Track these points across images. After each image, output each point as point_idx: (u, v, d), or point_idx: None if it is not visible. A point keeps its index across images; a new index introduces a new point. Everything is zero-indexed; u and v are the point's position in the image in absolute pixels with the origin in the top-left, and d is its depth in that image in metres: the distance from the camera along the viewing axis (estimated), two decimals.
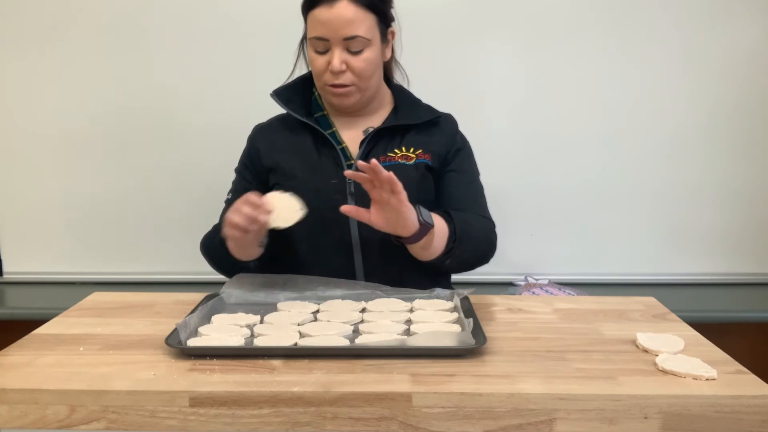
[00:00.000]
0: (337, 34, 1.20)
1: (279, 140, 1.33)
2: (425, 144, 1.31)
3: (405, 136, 1.31)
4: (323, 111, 1.35)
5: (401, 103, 1.35)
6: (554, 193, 1.96)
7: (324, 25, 1.20)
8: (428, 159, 1.30)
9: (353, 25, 1.20)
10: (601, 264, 1.98)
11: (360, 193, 1.22)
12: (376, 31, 1.25)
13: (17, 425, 0.81)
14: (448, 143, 1.33)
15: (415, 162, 1.28)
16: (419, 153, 1.29)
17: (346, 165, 1.27)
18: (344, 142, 1.31)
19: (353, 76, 1.24)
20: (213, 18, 1.88)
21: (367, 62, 1.24)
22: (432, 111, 1.36)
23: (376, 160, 1.07)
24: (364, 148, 1.28)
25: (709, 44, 1.88)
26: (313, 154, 1.30)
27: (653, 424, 0.79)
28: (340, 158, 1.28)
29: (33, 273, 2.00)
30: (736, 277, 2.00)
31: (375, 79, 1.29)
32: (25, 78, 1.91)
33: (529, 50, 1.90)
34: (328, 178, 1.27)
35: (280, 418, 0.80)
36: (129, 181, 1.95)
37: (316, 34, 1.22)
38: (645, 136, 1.93)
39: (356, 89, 1.26)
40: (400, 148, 1.30)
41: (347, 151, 1.30)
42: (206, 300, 1.12)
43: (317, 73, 1.26)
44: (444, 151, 1.32)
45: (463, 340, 0.92)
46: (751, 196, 1.96)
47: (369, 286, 1.17)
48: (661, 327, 1.04)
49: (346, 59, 1.22)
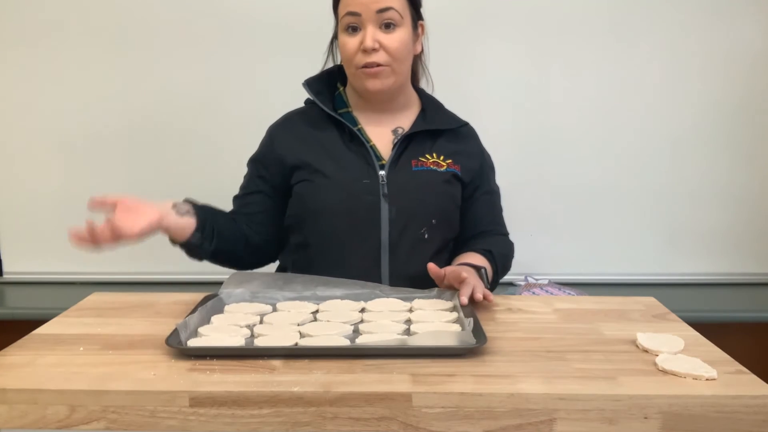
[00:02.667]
0: (369, 8, 1.19)
1: (304, 136, 1.30)
2: (454, 154, 1.30)
3: (435, 142, 1.30)
4: (348, 108, 1.32)
5: (428, 106, 1.34)
6: (554, 193, 1.96)
7: (357, 1, 1.20)
8: (458, 170, 1.30)
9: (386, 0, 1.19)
10: (601, 264, 1.98)
11: (393, 194, 1.25)
12: (408, 14, 1.24)
13: (17, 425, 0.81)
14: (477, 158, 1.34)
15: (446, 170, 1.28)
16: (449, 162, 1.29)
17: (378, 165, 1.26)
18: (372, 141, 1.29)
19: (386, 56, 1.22)
20: (216, 19, 1.88)
21: (401, 42, 1.22)
22: (457, 119, 1.35)
23: (483, 294, 1.10)
24: (396, 152, 1.27)
25: (709, 45, 1.88)
26: (342, 150, 1.28)
27: (653, 424, 0.79)
28: (370, 157, 1.26)
29: (33, 273, 2.00)
30: (736, 277, 2.00)
31: (407, 65, 1.27)
32: (26, 78, 1.91)
33: (529, 50, 1.90)
34: (359, 176, 1.25)
35: (280, 418, 0.80)
36: (129, 180, 1.95)
37: (348, 9, 1.21)
38: (645, 136, 1.93)
39: (390, 71, 1.23)
40: (431, 154, 1.29)
41: (376, 150, 1.28)
42: (205, 300, 1.11)
43: (349, 56, 1.23)
44: (475, 166, 1.33)
45: (464, 339, 0.91)
46: (751, 196, 1.96)
47: (368, 286, 1.17)
48: (661, 327, 1.04)
49: (379, 37, 1.20)
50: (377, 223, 1.24)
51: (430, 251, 1.27)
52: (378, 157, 1.28)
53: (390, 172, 1.26)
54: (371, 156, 1.27)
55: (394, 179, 1.25)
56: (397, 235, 1.24)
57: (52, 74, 1.91)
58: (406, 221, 1.25)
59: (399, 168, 1.27)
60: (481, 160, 1.36)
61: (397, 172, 1.26)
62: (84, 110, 1.92)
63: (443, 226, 1.29)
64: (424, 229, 1.26)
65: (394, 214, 1.24)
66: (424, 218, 1.26)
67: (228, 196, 1.37)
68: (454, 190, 1.30)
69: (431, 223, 1.26)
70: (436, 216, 1.27)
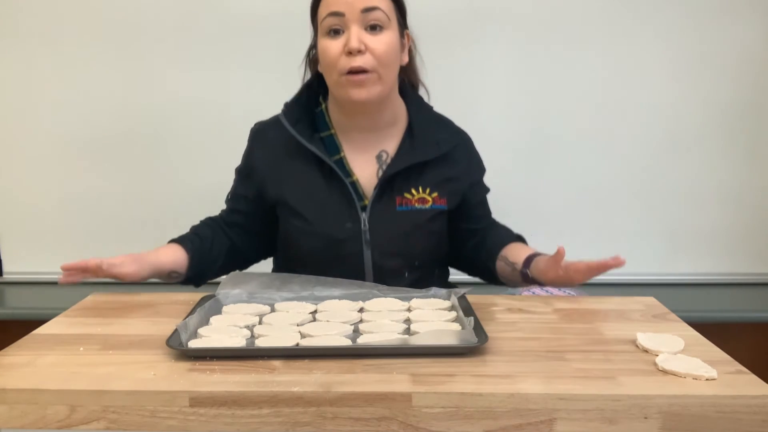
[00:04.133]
0: (354, 7, 1.11)
1: (283, 166, 1.25)
2: (443, 182, 1.25)
3: (422, 172, 1.24)
4: (330, 130, 1.25)
5: (416, 120, 1.26)
6: (554, 193, 1.96)
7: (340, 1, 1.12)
8: (444, 204, 1.25)
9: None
10: None
11: (375, 239, 1.22)
12: (395, 18, 1.17)
13: (17, 425, 0.81)
14: (467, 178, 1.29)
15: (431, 206, 1.24)
16: (435, 197, 1.24)
17: (359, 205, 1.22)
18: (354, 174, 1.23)
19: (373, 60, 1.13)
20: (214, 19, 1.88)
21: (388, 45, 1.14)
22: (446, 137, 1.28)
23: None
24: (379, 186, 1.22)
25: (709, 45, 1.88)
26: (322, 190, 1.22)
27: (653, 424, 0.79)
28: (351, 196, 1.22)
29: (33, 273, 2.00)
30: (736, 277, 2.00)
31: (394, 73, 1.19)
32: (26, 78, 1.91)
33: (529, 50, 1.90)
34: (341, 220, 1.21)
35: (280, 418, 0.80)
36: (129, 181, 1.95)
37: (331, 10, 1.13)
38: (645, 136, 1.93)
39: (377, 77, 1.14)
40: (417, 188, 1.23)
41: (359, 186, 1.23)
42: (203, 301, 1.11)
43: (331, 61, 1.14)
44: (465, 188, 1.29)
45: (466, 338, 0.92)
46: (751, 196, 1.96)
47: (365, 286, 1.16)
48: (661, 327, 1.04)
49: (364, 39, 1.12)
50: (360, 265, 1.23)
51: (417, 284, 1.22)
52: (360, 196, 1.23)
53: (372, 215, 1.22)
54: (352, 195, 1.22)
55: (376, 223, 1.22)
56: (380, 274, 1.23)
57: (53, 75, 1.91)
58: (388, 263, 1.24)
59: (382, 208, 1.23)
60: (470, 177, 1.31)
61: (379, 214, 1.22)
62: (84, 110, 1.92)
63: (428, 262, 1.28)
64: (406, 271, 1.25)
65: (377, 257, 1.23)
66: (406, 260, 1.25)
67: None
68: (440, 226, 1.27)
69: (414, 265, 1.25)
70: (420, 258, 1.26)
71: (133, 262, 1.16)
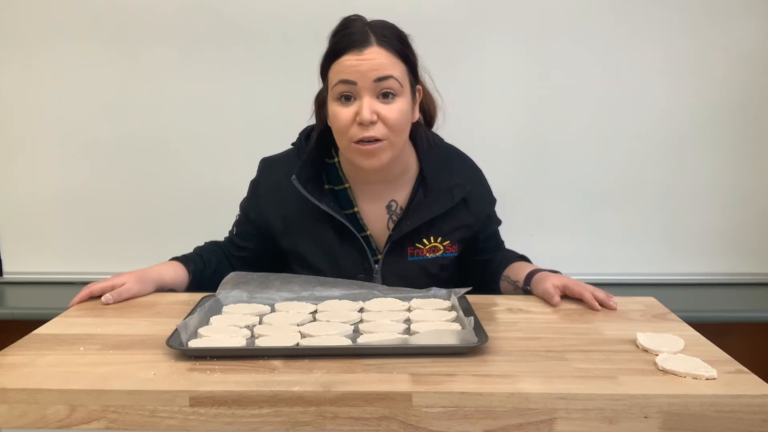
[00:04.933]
0: (367, 77, 1.08)
1: (296, 220, 1.24)
2: (453, 232, 1.25)
3: (433, 221, 1.24)
4: (344, 184, 1.25)
5: (428, 168, 1.24)
6: (554, 193, 1.96)
7: (352, 69, 1.08)
8: (455, 251, 1.26)
9: (386, 67, 1.09)
10: (601, 264, 1.98)
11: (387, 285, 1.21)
12: (407, 82, 1.14)
13: (17, 425, 0.81)
14: (480, 220, 1.29)
15: (442, 255, 1.25)
16: (447, 245, 1.25)
17: (372, 260, 1.23)
18: (368, 229, 1.24)
19: (385, 128, 1.11)
20: (216, 23, 1.88)
21: (400, 113, 1.11)
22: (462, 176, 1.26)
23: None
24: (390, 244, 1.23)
25: (709, 45, 1.88)
26: (334, 242, 1.23)
27: (653, 424, 0.79)
28: (364, 249, 1.23)
29: (33, 273, 2.00)
30: (736, 277, 2.00)
31: (405, 137, 1.17)
32: (26, 78, 1.91)
33: (530, 51, 1.90)
34: (354, 272, 1.22)
35: (280, 418, 0.80)
36: (129, 181, 1.95)
37: (342, 77, 1.09)
38: (645, 136, 1.93)
39: (387, 144, 1.12)
40: (428, 238, 1.24)
41: (372, 241, 1.24)
42: (203, 301, 1.11)
43: (342, 128, 1.12)
44: (477, 228, 1.29)
45: (466, 338, 0.92)
46: (750, 196, 1.96)
47: (365, 286, 1.17)
48: (661, 327, 1.04)
49: (376, 108, 1.09)
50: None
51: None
52: (373, 250, 1.24)
53: (384, 265, 1.23)
54: (365, 248, 1.23)
55: (388, 272, 1.23)
56: None
57: (53, 75, 1.91)
58: None
59: (394, 259, 1.24)
60: (482, 217, 1.30)
61: (391, 264, 1.24)
62: (84, 111, 1.92)
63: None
64: None
65: None
66: None
67: (227, 199, 1.38)
68: (451, 272, 1.29)
69: None
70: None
71: (137, 281, 1.17)
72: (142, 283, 1.18)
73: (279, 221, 1.26)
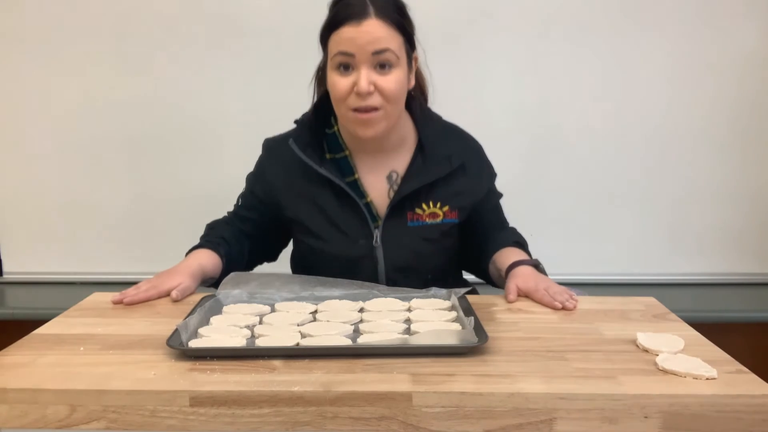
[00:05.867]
0: (365, 49, 1.11)
1: (298, 188, 1.27)
2: (453, 198, 1.26)
3: (433, 186, 1.25)
4: (344, 152, 1.27)
5: (426, 137, 1.27)
6: (554, 193, 1.96)
7: (351, 41, 1.12)
8: (455, 217, 1.27)
9: (383, 40, 1.12)
10: (601, 264, 1.98)
11: (388, 253, 1.24)
12: (403, 52, 1.17)
13: (17, 425, 0.81)
14: (479, 188, 1.30)
15: (443, 221, 1.26)
16: (446, 210, 1.26)
17: (372, 225, 1.25)
18: (369, 195, 1.26)
19: (381, 98, 1.14)
20: (220, 24, 1.88)
21: (396, 83, 1.14)
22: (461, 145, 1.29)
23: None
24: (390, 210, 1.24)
25: (710, 45, 1.88)
26: (335, 208, 1.25)
27: (653, 424, 0.79)
28: (365, 214, 1.24)
29: (33, 273, 2.00)
30: (736, 277, 2.00)
31: (401, 106, 1.21)
32: (27, 78, 1.91)
33: (531, 50, 1.90)
34: (355, 238, 1.24)
35: (280, 418, 0.80)
36: (129, 181, 1.95)
37: (341, 49, 1.13)
38: (645, 137, 1.93)
39: (384, 114, 1.16)
40: (427, 203, 1.25)
41: (373, 207, 1.26)
42: (203, 301, 1.11)
43: (339, 96, 1.15)
44: (476, 198, 1.30)
45: (466, 338, 0.92)
46: (751, 195, 1.96)
47: (365, 286, 1.17)
48: (661, 327, 1.04)
49: (373, 79, 1.13)
50: (373, 278, 1.24)
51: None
52: (374, 216, 1.25)
53: (384, 231, 1.25)
54: (365, 214, 1.24)
55: (388, 238, 1.24)
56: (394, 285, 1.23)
57: (53, 75, 1.91)
58: (401, 275, 1.25)
59: (394, 224, 1.25)
60: (481, 187, 1.31)
61: (391, 230, 1.25)
62: (85, 111, 1.92)
63: (440, 275, 1.29)
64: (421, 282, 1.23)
65: (391, 272, 1.25)
66: (419, 275, 1.26)
67: (227, 199, 1.38)
68: (452, 240, 1.29)
69: (427, 278, 1.26)
70: (433, 272, 1.27)
71: (189, 278, 1.18)
72: (193, 279, 1.19)
73: (282, 190, 1.28)
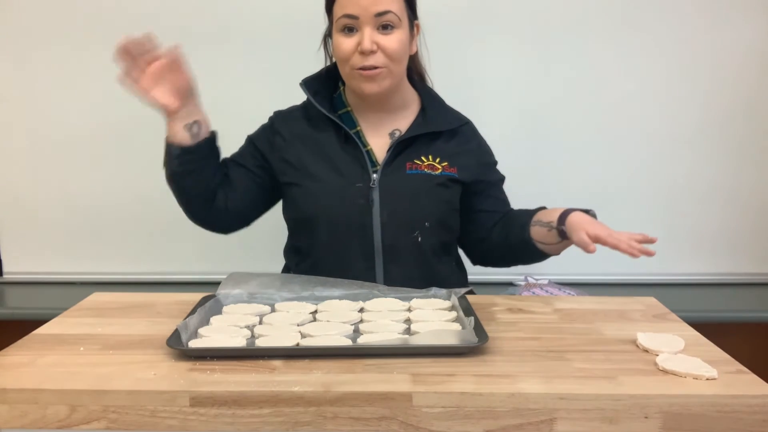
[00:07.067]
0: (368, 11, 1.18)
1: (302, 134, 1.31)
2: (452, 155, 1.30)
3: (432, 144, 1.29)
4: (347, 108, 1.32)
5: (429, 104, 1.33)
6: (554, 193, 1.95)
7: (354, 3, 1.18)
8: (454, 172, 1.29)
9: (385, 2, 1.18)
10: (601, 264, 1.97)
11: (384, 197, 1.25)
12: (405, 16, 1.23)
13: (17, 425, 0.81)
14: (477, 156, 1.34)
15: (441, 173, 1.28)
16: (445, 165, 1.28)
17: (371, 170, 1.26)
18: (369, 145, 1.29)
19: (384, 57, 1.20)
20: (217, 22, 1.88)
21: (399, 43, 1.21)
22: (457, 117, 1.35)
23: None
24: (391, 155, 1.27)
25: (710, 45, 1.88)
26: (337, 152, 1.28)
27: (653, 424, 0.79)
28: (365, 160, 1.26)
29: (33, 273, 2.00)
30: (736, 277, 2.00)
31: (403, 66, 1.26)
32: (26, 78, 1.91)
33: (531, 50, 1.89)
34: (352, 180, 1.25)
35: (280, 418, 0.80)
36: (129, 181, 1.95)
37: (345, 12, 1.19)
38: (645, 137, 1.93)
39: (387, 72, 1.22)
40: (426, 156, 1.28)
41: (372, 154, 1.28)
42: (203, 301, 1.11)
43: (344, 56, 1.22)
44: (475, 164, 1.32)
45: (466, 338, 0.92)
46: (751, 195, 1.96)
47: (365, 286, 1.17)
48: (662, 327, 1.04)
49: (376, 39, 1.19)
50: (369, 227, 1.24)
51: (427, 255, 1.27)
52: (373, 162, 1.28)
53: (383, 176, 1.26)
54: (366, 159, 1.26)
55: (386, 183, 1.25)
56: (390, 238, 1.25)
57: (53, 74, 1.90)
58: (397, 224, 1.25)
59: (392, 171, 1.27)
60: (481, 157, 1.36)
61: (389, 176, 1.26)
62: (84, 110, 1.92)
63: (438, 229, 1.29)
64: (417, 233, 1.26)
65: (386, 217, 1.25)
66: (416, 222, 1.26)
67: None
68: (450, 194, 1.30)
69: (424, 226, 1.26)
70: (429, 219, 1.27)
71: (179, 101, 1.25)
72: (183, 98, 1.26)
73: (285, 137, 1.31)
